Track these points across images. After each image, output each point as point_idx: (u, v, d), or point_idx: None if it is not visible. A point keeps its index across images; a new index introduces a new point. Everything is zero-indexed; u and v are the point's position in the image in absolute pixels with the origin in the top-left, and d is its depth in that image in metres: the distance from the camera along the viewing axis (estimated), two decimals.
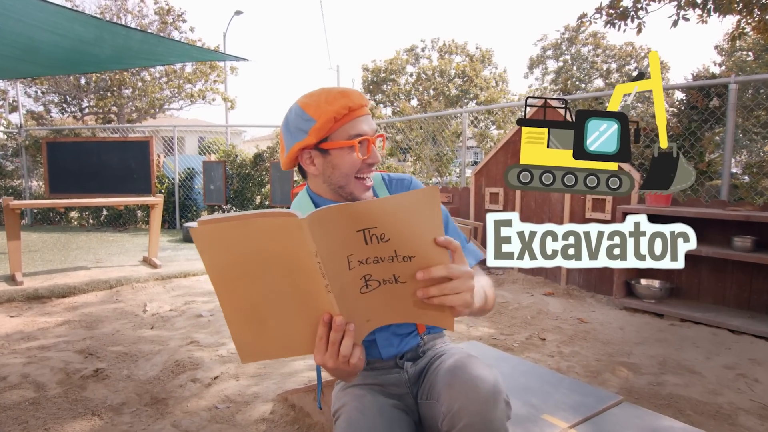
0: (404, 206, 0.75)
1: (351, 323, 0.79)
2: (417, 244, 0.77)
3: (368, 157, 1.10)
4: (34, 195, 8.14)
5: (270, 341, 0.81)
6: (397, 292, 0.81)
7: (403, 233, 0.76)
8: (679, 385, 2.37)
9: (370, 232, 0.75)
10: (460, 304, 0.81)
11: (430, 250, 0.78)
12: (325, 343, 0.80)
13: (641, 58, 24.40)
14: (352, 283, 0.78)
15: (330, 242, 0.72)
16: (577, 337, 3.02)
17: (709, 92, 3.85)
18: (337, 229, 0.73)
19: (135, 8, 16.56)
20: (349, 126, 1.08)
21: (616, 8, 6.48)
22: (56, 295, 3.79)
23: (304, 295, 0.76)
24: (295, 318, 0.79)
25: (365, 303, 0.81)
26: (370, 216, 0.73)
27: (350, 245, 0.75)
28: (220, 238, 0.71)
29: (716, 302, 3.38)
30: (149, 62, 6.52)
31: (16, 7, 3.13)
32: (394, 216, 0.74)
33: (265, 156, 7.73)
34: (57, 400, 2.15)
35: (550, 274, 4.29)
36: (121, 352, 2.71)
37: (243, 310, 0.78)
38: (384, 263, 0.78)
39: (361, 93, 1.13)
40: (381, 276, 0.79)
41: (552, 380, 1.60)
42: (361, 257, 0.76)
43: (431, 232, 0.77)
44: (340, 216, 0.72)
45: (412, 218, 0.75)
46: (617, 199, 3.74)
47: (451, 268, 0.79)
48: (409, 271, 0.79)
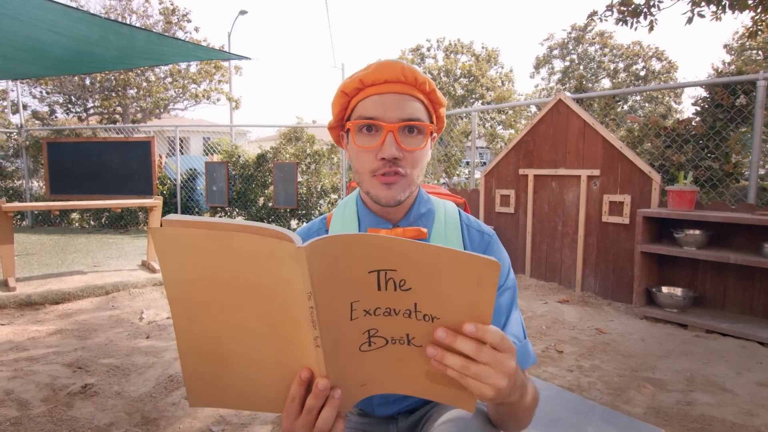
0: (444, 264, 0.55)
1: (338, 389, 0.60)
2: (446, 306, 0.58)
3: (379, 149, 0.83)
4: (35, 196, 8.03)
5: (229, 387, 0.63)
6: (407, 356, 0.62)
7: (431, 286, 0.57)
8: (711, 405, 2.19)
9: (386, 275, 0.57)
10: (478, 394, 0.60)
11: (462, 319, 0.58)
12: (297, 406, 0.60)
13: (649, 57, 24.13)
14: (350, 337, 0.60)
15: (332, 283, 0.55)
16: (596, 349, 2.84)
17: (735, 89, 3.66)
18: (344, 267, 0.56)
19: (140, 8, 16.52)
20: (362, 105, 0.86)
21: (628, 5, 6.30)
22: (50, 302, 3.65)
23: (283, 341, 0.59)
24: (266, 366, 0.61)
25: (363, 363, 0.63)
26: (390, 255, 0.56)
27: (357, 289, 0.57)
28: (189, 247, 0.55)
29: (743, 312, 3.19)
30: (153, 62, 6.42)
31: (22, 9, 3.06)
32: (426, 267, 0.56)
33: (269, 156, 7.58)
34: (40, 420, 2.00)
35: (564, 280, 4.10)
36: (113, 365, 2.55)
37: (201, 343, 0.61)
38: (397, 317, 0.60)
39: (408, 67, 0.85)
40: (390, 333, 0.61)
41: (582, 409, 1.43)
42: (368, 306, 0.59)
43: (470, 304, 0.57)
44: (351, 249, 0.55)
45: (451, 278, 0.56)
46: (636, 202, 3.56)
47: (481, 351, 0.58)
48: (429, 333, 0.60)
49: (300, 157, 7.51)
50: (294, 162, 7.21)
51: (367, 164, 0.85)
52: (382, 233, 0.85)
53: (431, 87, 0.86)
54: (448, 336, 0.57)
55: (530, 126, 4.24)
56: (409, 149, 0.84)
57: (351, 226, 0.94)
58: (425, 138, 0.86)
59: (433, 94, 0.87)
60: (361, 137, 0.85)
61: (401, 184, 0.85)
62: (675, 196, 3.24)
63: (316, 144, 7.76)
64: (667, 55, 24.14)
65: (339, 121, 0.92)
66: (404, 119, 0.83)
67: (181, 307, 0.59)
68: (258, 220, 7.63)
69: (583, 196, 3.87)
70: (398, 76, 0.84)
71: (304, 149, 7.61)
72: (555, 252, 4.16)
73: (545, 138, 4.12)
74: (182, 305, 0.59)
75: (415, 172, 0.86)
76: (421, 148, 0.85)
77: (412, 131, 0.85)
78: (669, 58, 24.14)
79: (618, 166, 3.65)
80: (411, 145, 0.84)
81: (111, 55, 4.59)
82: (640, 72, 24.24)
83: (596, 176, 3.79)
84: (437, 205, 0.98)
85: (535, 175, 4.23)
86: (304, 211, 7.50)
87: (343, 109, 0.90)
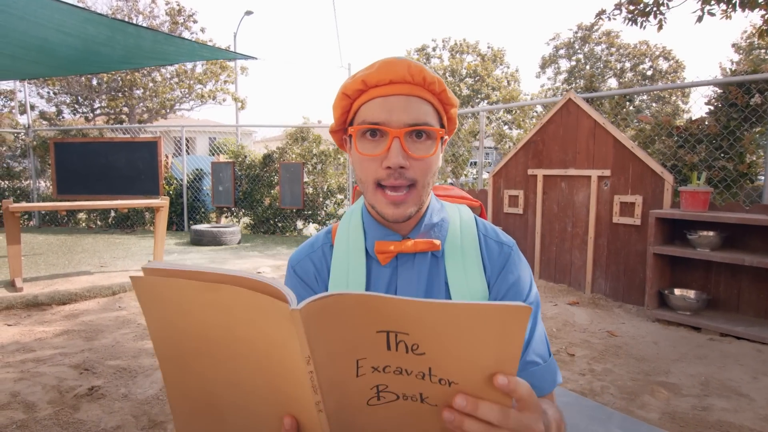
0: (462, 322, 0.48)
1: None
2: (466, 371, 0.51)
3: (383, 157, 0.75)
4: (42, 196, 8.06)
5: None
6: (421, 413, 0.55)
7: (447, 352, 0.51)
8: (728, 410, 2.15)
9: (396, 338, 0.51)
10: None
11: (483, 383, 0.51)
12: None
13: (656, 57, 23.96)
14: (357, 392, 0.54)
15: (334, 344, 0.50)
16: (608, 352, 2.80)
17: (749, 88, 3.60)
18: (347, 327, 0.50)
19: (146, 9, 16.59)
20: (365, 108, 0.78)
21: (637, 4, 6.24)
22: (56, 302, 3.64)
23: (284, 397, 0.54)
24: (267, 422, 0.56)
25: (372, 417, 0.57)
26: (400, 318, 0.49)
27: (363, 348, 0.51)
28: (175, 297, 0.50)
29: (758, 315, 3.13)
30: (160, 62, 6.43)
31: (29, 8, 3.06)
32: (441, 328, 0.49)
33: (275, 156, 7.57)
34: (47, 423, 1.98)
35: (574, 281, 4.06)
36: (120, 366, 2.54)
37: (194, 398, 0.56)
38: (409, 377, 0.53)
39: (415, 65, 0.76)
40: (401, 390, 0.54)
41: (600, 416, 1.39)
42: (376, 363, 0.53)
43: (495, 364, 0.50)
44: (354, 310, 0.49)
45: (471, 339, 0.49)
46: (648, 203, 3.51)
47: (508, 419, 0.52)
48: (445, 395, 0.53)
49: (306, 158, 7.49)
50: (300, 162, 7.19)
51: (372, 173, 0.78)
52: (394, 245, 0.81)
53: (441, 87, 0.79)
54: (469, 404, 0.51)
55: (539, 126, 4.20)
56: (417, 156, 0.76)
57: (357, 239, 0.86)
58: (435, 143, 0.78)
59: (444, 94, 0.80)
60: (365, 144, 0.78)
61: (411, 199, 0.78)
62: (688, 196, 3.19)
63: (322, 144, 7.74)
64: (674, 55, 23.98)
65: (341, 125, 0.85)
66: (411, 124, 0.75)
67: (170, 360, 0.55)
68: (264, 220, 7.61)
69: (594, 196, 3.82)
70: (404, 76, 0.76)
71: (310, 149, 7.59)
72: (564, 253, 4.11)
73: (555, 138, 4.07)
74: (171, 358, 0.54)
75: (425, 180, 0.78)
76: (431, 155, 0.77)
77: (420, 136, 0.77)
78: (676, 58, 23.98)
79: (629, 167, 3.60)
80: (419, 152, 0.76)
81: (118, 54, 4.60)
82: (647, 72, 24.08)
83: (607, 176, 3.74)
84: (451, 213, 0.90)
85: (545, 176, 4.18)
86: (311, 212, 7.48)
87: (345, 111, 0.82)
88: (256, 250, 6.14)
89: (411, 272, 0.83)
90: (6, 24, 3.35)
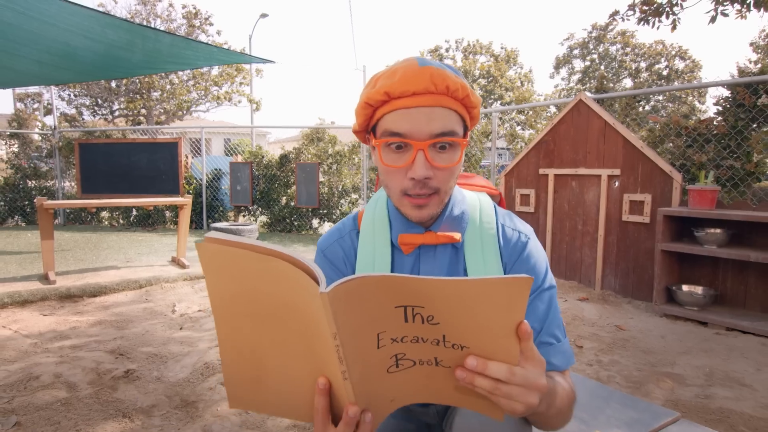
0: (472, 296, 0.55)
1: (368, 413, 0.62)
2: (476, 337, 0.59)
3: (409, 168, 0.79)
4: (66, 195, 8.33)
5: (267, 395, 0.67)
6: (435, 375, 0.64)
7: (459, 321, 0.58)
8: (730, 399, 2.24)
9: (413, 311, 0.58)
10: (508, 410, 0.61)
11: (491, 342, 0.59)
12: (323, 417, 0.62)
13: (672, 56, 23.76)
14: (378, 362, 0.62)
15: (357, 320, 0.57)
16: (615, 345, 2.90)
17: (756, 89, 3.66)
18: (369, 305, 0.57)
19: (164, 12, 16.92)
20: (388, 119, 0.79)
21: (651, 4, 6.28)
22: (88, 294, 3.83)
23: (318, 363, 0.61)
24: (301, 380, 0.64)
25: (392, 382, 0.64)
26: (417, 294, 0.56)
27: (383, 322, 0.59)
28: (231, 263, 0.58)
29: (765, 310, 3.21)
30: (178, 66, 6.61)
31: (52, 12, 3.21)
32: (454, 302, 0.56)
33: (291, 157, 7.74)
34: (88, 401, 2.14)
35: (584, 278, 4.15)
36: (151, 353, 2.70)
37: (242, 352, 0.64)
38: (425, 344, 0.61)
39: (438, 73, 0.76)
40: (418, 356, 0.62)
41: (602, 394, 1.51)
42: (395, 335, 0.60)
43: (500, 327, 0.58)
44: (374, 290, 0.56)
45: (480, 310, 0.56)
46: (657, 201, 3.59)
47: (513, 374, 0.58)
48: (458, 357, 0.61)
49: (322, 158, 7.65)
50: (316, 162, 7.35)
51: (397, 183, 0.81)
52: (417, 238, 0.88)
53: (465, 92, 0.79)
54: (479, 364, 0.58)
55: (551, 126, 4.30)
56: (442, 166, 0.79)
57: (382, 229, 0.92)
58: (458, 151, 0.80)
59: (467, 98, 0.80)
60: (389, 155, 0.80)
61: (433, 203, 0.83)
62: (696, 195, 3.27)
63: (338, 145, 7.90)
64: (690, 54, 23.74)
65: (364, 128, 0.87)
66: (435, 135, 0.77)
67: (224, 318, 0.62)
68: (280, 219, 7.79)
69: (604, 195, 3.92)
70: (428, 87, 0.76)
71: (325, 150, 7.75)
72: (575, 251, 4.20)
73: (566, 138, 4.17)
74: (224, 315, 0.62)
75: (447, 186, 0.83)
76: (454, 164, 0.80)
77: (444, 148, 0.79)
78: (693, 57, 23.75)
79: (638, 166, 3.69)
80: (443, 162, 0.79)
81: (138, 59, 4.74)
82: (663, 71, 23.88)
83: (617, 176, 3.83)
84: (472, 203, 0.94)
85: (556, 175, 4.28)
86: (326, 211, 7.64)
87: (367, 118, 0.84)
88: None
89: (432, 261, 0.90)
90: (37, 31, 3.51)
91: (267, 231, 7.91)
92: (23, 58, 4.25)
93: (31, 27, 3.47)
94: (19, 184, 8.21)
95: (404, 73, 0.77)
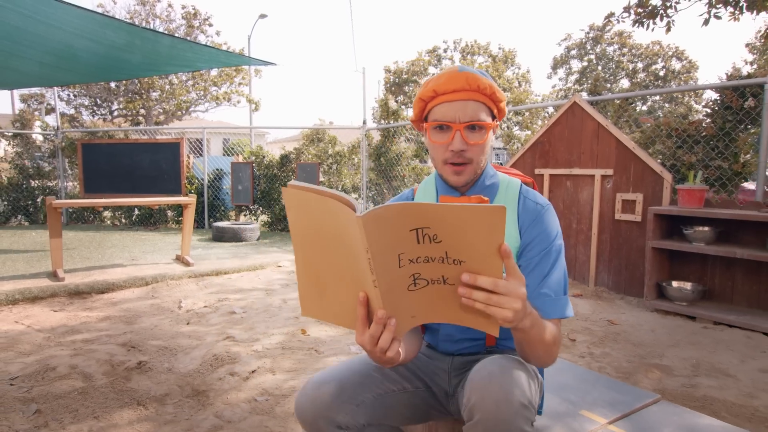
0: (461, 217, 0.73)
1: (393, 318, 0.81)
2: (469, 251, 0.76)
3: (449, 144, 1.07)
4: (69, 195, 8.42)
5: (326, 306, 0.87)
6: (444, 293, 0.81)
7: (456, 237, 0.75)
8: (714, 388, 2.35)
9: (423, 232, 0.75)
10: (501, 318, 0.77)
11: (481, 260, 0.76)
12: (362, 323, 0.82)
13: (669, 57, 23.92)
14: (400, 279, 0.79)
15: (382, 240, 0.74)
16: (607, 338, 3.01)
17: (744, 92, 3.79)
18: (391, 228, 0.74)
19: (163, 13, 16.97)
20: (436, 109, 1.08)
21: (645, 7, 6.40)
22: (96, 291, 3.94)
23: (358, 280, 0.80)
24: (349, 297, 0.83)
25: (412, 300, 0.82)
26: (425, 216, 0.74)
27: (402, 244, 0.76)
28: (303, 203, 0.78)
29: (751, 305, 3.33)
30: (179, 68, 6.68)
31: (53, 14, 3.27)
32: (450, 222, 0.74)
33: (292, 157, 7.85)
34: (104, 390, 2.25)
35: (579, 275, 4.27)
36: (161, 346, 2.81)
37: (311, 271, 0.85)
38: (434, 263, 0.78)
39: (472, 76, 1.05)
40: (430, 276, 0.80)
41: (589, 378, 1.62)
42: (411, 256, 0.77)
43: (486, 246, 0.74)
44: (395, 215, 0.73)
45: (469, 229, 0.73)
46: (648, 200, 3.71)
47: (497, 284, 0.76)
48: (458, 274, 0.78)
49: (322, 158, 7.76)
50: (316, 162, 7.46)
51: (441, 155, 1.10)
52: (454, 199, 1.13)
53: (491, 90, 1.07)
54: (471, 278, 0.76)
55: (546, 127, 4.42)
56: (473, 143, 1.08)
57: (430, 192, 1.21)
58: (486, 132, 1.09)
59: (494, 94, 1.08)
60: (436, 134, 1.10)
61: (468, 170, 1.10)
62: (685, 194, 3.39)
63: (337, 145, 8.01)
64: (687, 55, 23.91)
65: (419, 118, 1.16)
66: (468, 120, 1.06)
67: (299, 243, 0.84)
68: (281, 218, 7.90)
69: (597, 194, 4.04)
70: (464, 86, 1.05)
71: (325, 150, 7.86)
72: (569, 249, 4.32)
73: (560, 139, 4.29)
74: (299, 241, 0.84)
75: (479, 158, 1.10)
76: (483, 141, 1.09)
77: (474, 129, 1.07)
78: (689, 58, 23.91)
79: (630, 166, 3.81)
80: (474, 140, 1.08)
81: (138, 60, 4.77)
82: (660, 72, 24.04)
83: (609, 176, 3.95)
84: (503, 180, 1.19)
85: (551, 175, 4.40)
86: None
87: (421, 110, 1.13)
88: (275, 246, 6.42)
89: None
90: (33, 30, 3.54)
91: (268, 230, 8.02)
92: (26, 59, 4.31)
93: (34, 29, 3.52)
94: (23, 184, 8.31)
95: (448, 77, 1.06)
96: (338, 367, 1.13)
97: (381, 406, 1.11)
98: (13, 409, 2.07)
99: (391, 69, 21.40)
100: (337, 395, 1.04)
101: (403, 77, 21.20)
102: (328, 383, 1.06)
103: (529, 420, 0.89)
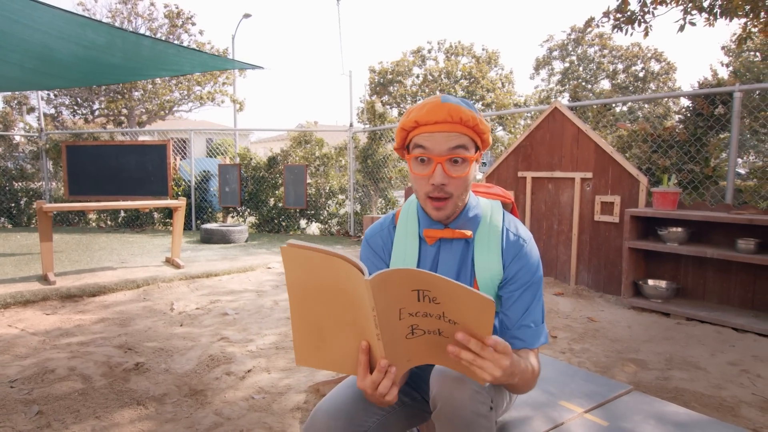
0: (457, 293, 0.81)
1: (393, 366, 0.88)
2: (464, 317, 0.84)
3: (430, 176, 1.06)
4: (54, 197, 8.36)
5: (324, 355, 0.93)
6: (438, 342, 0.89)
7: (452, 304, 0.83)
8: (685, 380, 2.50)
9: (423, 293, 0.83)
10: (480, 378, 0.86)
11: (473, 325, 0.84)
12: (364, 369, 0.88)
13: (648, 59, 24.44)
14: (400, 330, 0.87)
15: (387, 299, 0.81)
16: (587, 335, 3.16)
17: (714, 100, 3.98)
18: (395, 288, 0.81)
19: (145, 12, 16.81)
20: (417, 140, 1.07)
21: (624, 12, 6.60)
22: (88, 294, 3.97)
23: (360, 331, 0.88)
24: (350, 345, 0.90)
25: (409, 346, 0.90)
26: (426, 282, 0.81)
27: (404, 300, 0.84)
28: (306, 261, 0.83)
29: (721, 302, 3.51)
30: (166, 72, 6.63)
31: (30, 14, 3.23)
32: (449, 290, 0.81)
33: (279, 159, 7.90)
34: (104, 391, 2.32)
35: (560, 274, 4.43)
36: (157, 347, 2.88)
37: (308, 324, 0.91)
38: (431, 318, 0.86)
39: (454, 108, 1.03)
40: (427, 327, 0.87)
41: (568, 372, 1.75)
42: (411, 310, 0.85)
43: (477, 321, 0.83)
44: (401, 279, 0.81)
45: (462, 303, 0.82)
46: (625, 202, 3.88)
47: (485, 351, 0.83)
48: (453, 331, 0.86)
49: (309, 160, 7.83)
50: (303, 164, 7.53)
51: (422, 188, 1.09)
52: (437, 233, 1.17)
53: (474, 121, 1.05)
54: (464, 338, 0.83)
55: (528, 131, 4.57)
56: (455, 176, 1.06)
57: (412, 225, 1.20)
58: (468, 165, 1.07)
59: (477, 126, 1.06)
60: (417, 166, 1.08)
61: (448, 205, 1.09)
62: (659, 196, 3.56)
63: (325, 147, 8.08)
64: (666, 57, 24.46)
65: (401, 146, 1.15)
66: (449, 154, 1.04)
67: (296, 298, 0.89)
68: (269, 219, 7.95)
69: (577, 196, 4.20)
70: (446, 118, 1.03)
71: (313, 152, 7.94)
72: (551, 249, 4.48)
73: (542, 143, 4.44)
74: (297, 297, 0.89)
75: (461, 192, 1.09)
76: (465, 174, 1.07)
77: (456, 162, 1.06)
78: (668, 60, 24.47)
79: (609, 169, 3.97)
80: (456, 173, 1.06)
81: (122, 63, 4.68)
82: (640, 73, 24.55)
83: (589, 178, 4.11)
84: (485, 209, 1.19)
85: (533, 178, 4.55)
86: (313, 211, 7.82)
87: (403, 139, 1.12)
88: (263, 247, 6.48)
89: (449, 252, 1.17)
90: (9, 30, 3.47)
91: (256, 231, 8.07)
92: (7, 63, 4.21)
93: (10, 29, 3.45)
94: (6, 186, 8.22)
95: (430, 107, 1.05)
96: (342, 393, 1.12)
97: (384, 426, 1.15)
98: (15, 410, 2.12)
99: (375, 69, 21.49)
100: (346, 429, 1.06)
101: (388, 77, 21.31)
102: (336, 419, 1.05)
103: (485, 404, 0.98)
